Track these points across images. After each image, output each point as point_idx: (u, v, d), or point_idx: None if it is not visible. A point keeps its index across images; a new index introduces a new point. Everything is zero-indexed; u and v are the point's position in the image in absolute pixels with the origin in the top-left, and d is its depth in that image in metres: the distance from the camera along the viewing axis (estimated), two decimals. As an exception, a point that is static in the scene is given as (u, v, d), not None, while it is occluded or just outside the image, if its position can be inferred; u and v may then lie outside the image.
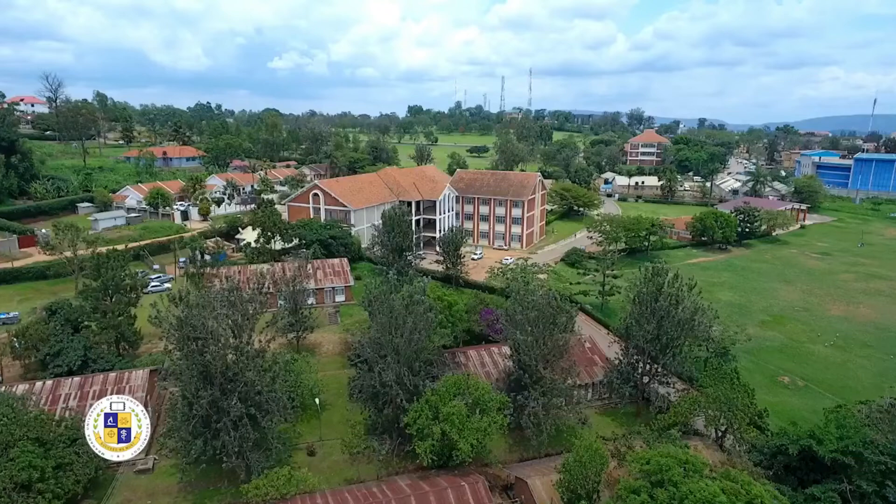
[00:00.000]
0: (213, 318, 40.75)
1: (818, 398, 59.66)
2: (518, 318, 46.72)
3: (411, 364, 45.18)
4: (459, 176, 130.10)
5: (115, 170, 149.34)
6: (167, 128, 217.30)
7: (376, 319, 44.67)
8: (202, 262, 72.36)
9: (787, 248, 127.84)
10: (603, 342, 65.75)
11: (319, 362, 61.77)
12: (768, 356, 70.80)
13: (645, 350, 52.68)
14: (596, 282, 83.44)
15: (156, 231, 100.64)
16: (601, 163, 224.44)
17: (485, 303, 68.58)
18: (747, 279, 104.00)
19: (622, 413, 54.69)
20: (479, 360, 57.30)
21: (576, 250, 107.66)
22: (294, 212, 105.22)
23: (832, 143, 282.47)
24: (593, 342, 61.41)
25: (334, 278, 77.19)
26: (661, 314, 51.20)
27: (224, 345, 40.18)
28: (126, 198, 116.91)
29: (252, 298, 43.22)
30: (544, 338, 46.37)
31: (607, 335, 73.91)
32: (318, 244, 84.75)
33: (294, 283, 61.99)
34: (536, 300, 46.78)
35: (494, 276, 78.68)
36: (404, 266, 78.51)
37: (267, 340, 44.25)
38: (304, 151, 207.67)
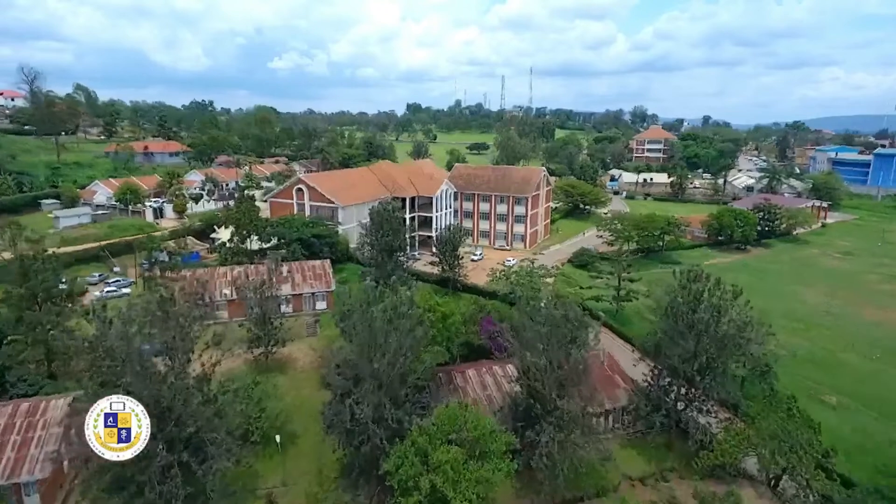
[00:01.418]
0: (139, 338, 31.79)
1: (858, 416, 51.91)
2: (527, 336, 37.64)
3: (395, 393, 36.17)
4: (458, 171, 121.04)
5: (92, 165, 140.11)
6: (154, 123, 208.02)
7: (351, 338, 35.60)
8: (161, 264, 63.28)
9: (808, 248, 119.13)
10: (620, 355, 56.80)
11: (292, 381, 52.78)
12: (799, 368, 61.67)
13: (679, 371, 43.64)
14: (609, 286, 74.40)
15: (124, 229, 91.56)
16: (606, 160, 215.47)
17: (485, 310, 59.63)
18: (767, 281, 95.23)
19: (652, 446, 45.55)
20: (479, 382, 48.20)
21: (585, 251, 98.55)
22: (276, 208, 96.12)
23: (845, 139, 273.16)
24: (612, 358, 52.27)
25: (314, 282, 68.12)
26: (700, 329, 42.18)
27: (150, 374, 31.17)
28: (95, 194, 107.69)
29: (189, 312, 34.04)
30: (560, 359, 37.33)
31: (630, 350, 65.30)
32: (298, 244, 75.69)
33: (262, 289, 52.91)
34: (549, 313, 37.67)
35: (496, 280, 69.57)
36: (395, 268, 69.47)
37: (211, 365, 35.21)
38: (296, 148, 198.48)
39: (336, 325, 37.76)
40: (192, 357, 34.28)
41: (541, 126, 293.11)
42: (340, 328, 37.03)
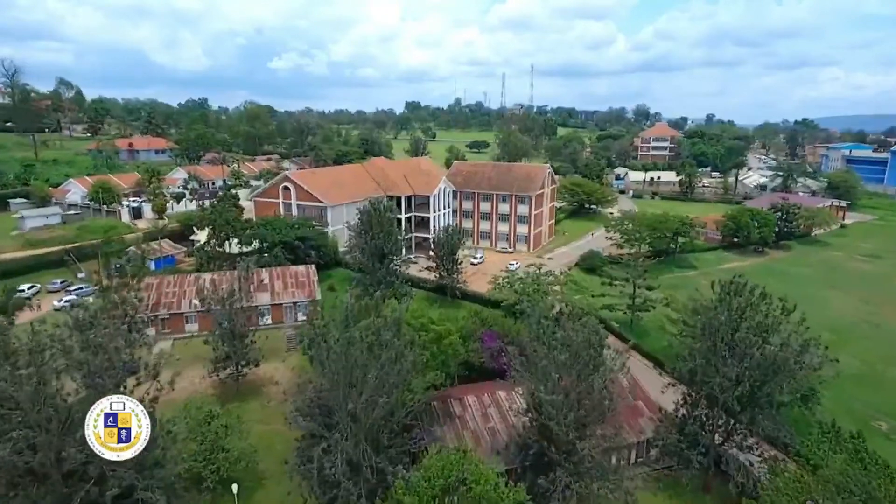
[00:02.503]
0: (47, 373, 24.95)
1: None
2: (540, 364, 30.64)
3: (376, 436, 29.25)
4: (457, 168, 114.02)
5: (72, 163, 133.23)
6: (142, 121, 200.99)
7: (322, 371, 28.61)
8: (123, 271, 56.36)
9: (830, 250, 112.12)
10: (638, 373, 49.78)
11: (264, 410, 45.77)
12: (841, 387, 54.55)
13: (718, 400, 36.69)
14: (623, 294, 67.37)
15: (95, 231, 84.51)
16: (610, 157, 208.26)
17: (487, 323, 52.63)
18: (793, 287, 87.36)
19: (688, 489, 38.47)
20: (480, 411, 41.20)
21: (594, 254, 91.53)
22: (261, 208, 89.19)
23: (857, 137, 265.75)
24: (635, 381, 45.24)
25: (297, 291, 61.17)
26: (743, 351, 35.24)
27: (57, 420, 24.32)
28: (68, 193, 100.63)
29: (116, 336, 27.03)
30: (580, 393, 30.40)
31: (648, 364, 58.48)
32: (281, 247, 68.72)
33: (231, 300, 45.90)
34: (568, 336, 30.68)
35: (499, 288, 62.50)
36: (388, 275, 62.58)
37: (150, 400, 28.27)
38: (289, 145, 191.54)
39: (302, 353, 30.70)
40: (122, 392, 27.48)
41: (543, 123, 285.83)
42: (309, 357, 30.03)
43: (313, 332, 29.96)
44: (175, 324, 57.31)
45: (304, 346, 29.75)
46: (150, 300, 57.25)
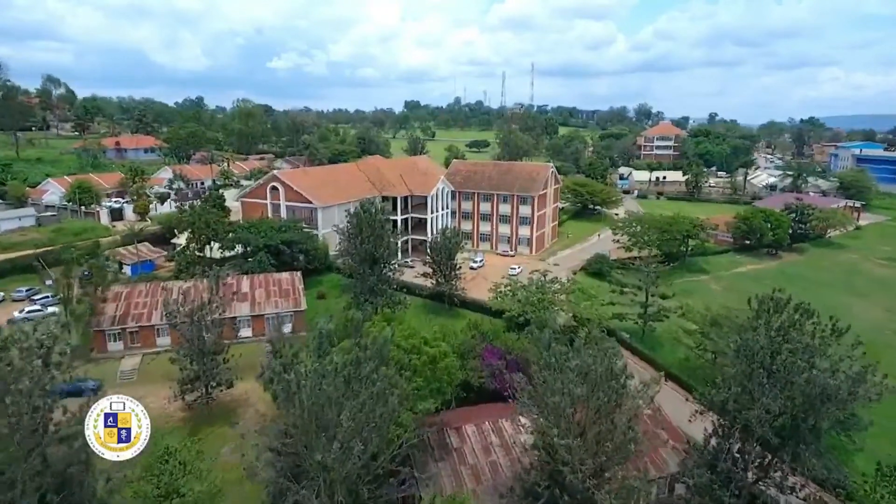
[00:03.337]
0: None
1: None
2: (553, 400, 25.56)
3: (355, 486, 24.20)
4: (456, 167, 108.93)
5: (56, 162, 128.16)
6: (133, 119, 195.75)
7: (288, 411, 23.54)
8: (89, 279, 51.31)
9: (846, 253, 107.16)
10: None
11: (236, 440, 40.65)
12: (884, 409, 49.58)
13: (755, 433, 31.66)
14: (634, 302, 62.34)
15: (73, 234, 79.65)
16: (613, 157, 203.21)
17: (487, 338, 47.62)
18: (812, 293, 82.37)
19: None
20: (480, 443, 36.15)
21: (601, 257, 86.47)
22: (248, 209, 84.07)
23: (867, 136, 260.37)
24: (657, 406, 40.13)
25: (280, 300, 56.14)
26: (787, 378, 30.24)
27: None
28: (46, 193, 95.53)
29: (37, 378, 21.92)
30: (600, 434, 25.39)
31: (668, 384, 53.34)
32: (265, 252, 63.67)
33: (199, 314, 40.87)
34: (585, 364, 25.62)
35: (501, 297, 57.42)
36: (379, 282, 57.52)
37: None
38: (284, 144, 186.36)
39: (265, 389, 25.68)
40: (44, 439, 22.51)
41: (544, 122, 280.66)
42: (272, 394, 25.00)
43: (277, 363, 24.85)
44: (145, 337, 52.24)
45: (265, 380, 24.64)
46: (117, 311, 52.19)
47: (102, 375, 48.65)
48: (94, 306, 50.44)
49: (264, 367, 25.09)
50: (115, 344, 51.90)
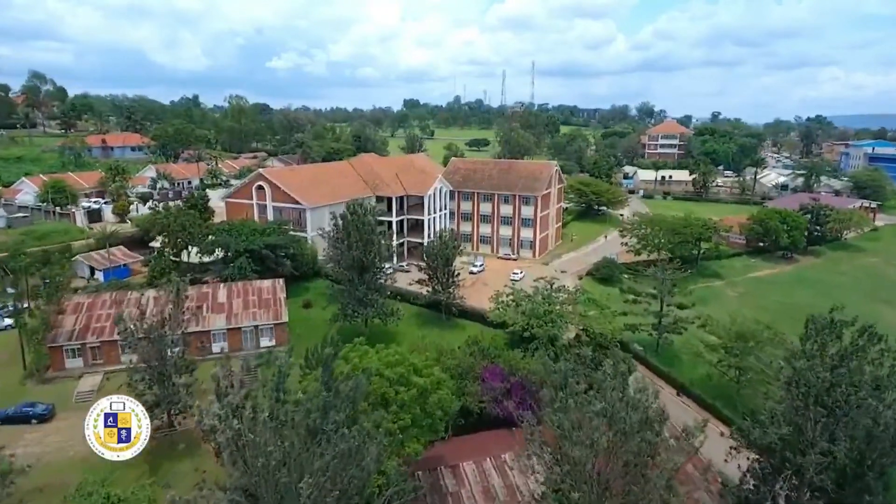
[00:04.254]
0: None
1: None
2: (572, 455, 20.27)
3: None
4: (455, 166, 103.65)
5: (37, 160, 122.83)
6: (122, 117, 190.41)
7: (234, 469, 18.35)
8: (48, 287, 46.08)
9: (865, 256, 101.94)
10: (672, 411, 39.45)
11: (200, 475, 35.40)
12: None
13: (806, 477, 26.50)
14: (648, 311, 57.09)
15: (45, 236, 74.46)
16: (616, 155, 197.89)
17: (488, 356, 42.41)
18: (835, 299, 77.14)
19: None
20: (480, 485, 30.91)
21: (610, 262, 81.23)
22: (233, 210, 78.81)
23: (877, 134, 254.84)
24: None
25: (259, 312, 50.88)
26: (850, 416, 25.09)
27: None
28: (19, 193, 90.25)
29: None
30: (629, 495, 20.17)
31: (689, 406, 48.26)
32: (246, 257, 58.40)
33: (158, 332, 35.61)
34: (612, 408, 20.37)
35: (503, 309, 52.11)
36: (370, 291, 52.27)
37: None
38: (277, 142, 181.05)
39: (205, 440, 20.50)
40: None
41: (545, 120, 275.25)
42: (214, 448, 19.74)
43: (221, 405, 19.60)
44: (108, 353, 46.97)
45: (207, 431, 19.46)
46: (77, 324, 46.94)
47: (56, 397, 43.62)
48: (48, 320, 45.20)
49: (202, 411, 19.87)
50: (75, 361, 46.68)
